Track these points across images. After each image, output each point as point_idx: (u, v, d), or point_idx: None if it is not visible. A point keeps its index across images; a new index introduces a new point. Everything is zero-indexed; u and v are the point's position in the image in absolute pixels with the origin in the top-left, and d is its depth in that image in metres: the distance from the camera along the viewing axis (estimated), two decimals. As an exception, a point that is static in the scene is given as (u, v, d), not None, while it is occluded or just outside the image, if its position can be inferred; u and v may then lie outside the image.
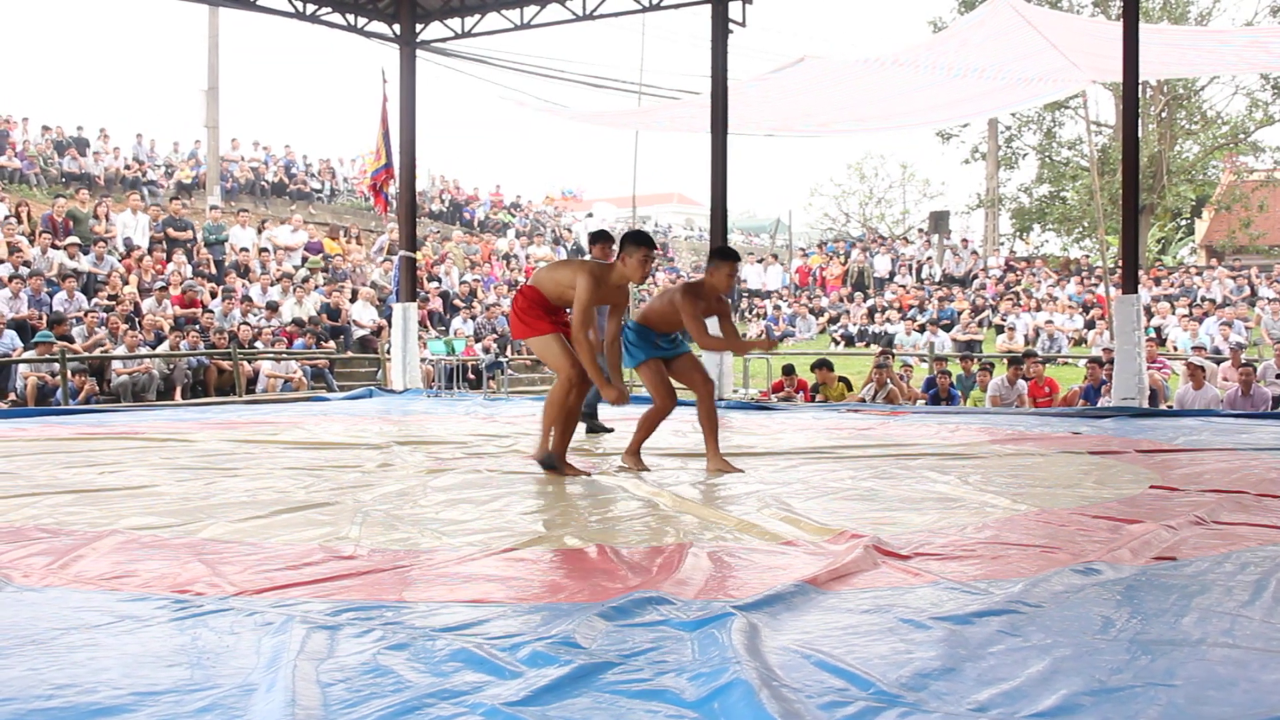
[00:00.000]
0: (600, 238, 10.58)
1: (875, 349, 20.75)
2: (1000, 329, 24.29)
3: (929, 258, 32.55)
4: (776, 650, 3.02)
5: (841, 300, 29.65)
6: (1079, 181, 35.97)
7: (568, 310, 6.88)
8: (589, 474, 6.99)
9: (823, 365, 16.30)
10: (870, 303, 28.57)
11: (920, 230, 39.62)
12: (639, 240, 6.81)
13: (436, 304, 23.03)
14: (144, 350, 16.35)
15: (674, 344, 7.53)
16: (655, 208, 52.29)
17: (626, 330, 7.43)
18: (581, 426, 10.86)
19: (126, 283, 19.03)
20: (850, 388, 16.08)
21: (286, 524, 5.08)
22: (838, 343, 25.58)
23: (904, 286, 29.67)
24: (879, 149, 48.67)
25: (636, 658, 2.97)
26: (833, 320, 27.73)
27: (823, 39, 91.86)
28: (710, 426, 7.41)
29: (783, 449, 8.57)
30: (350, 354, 20.22)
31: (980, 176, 46.33)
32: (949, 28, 23.82)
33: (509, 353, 20.64)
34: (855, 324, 26.78)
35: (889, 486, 6.45)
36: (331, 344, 19.77)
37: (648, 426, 7.51)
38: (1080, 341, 24.15)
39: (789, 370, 16.45)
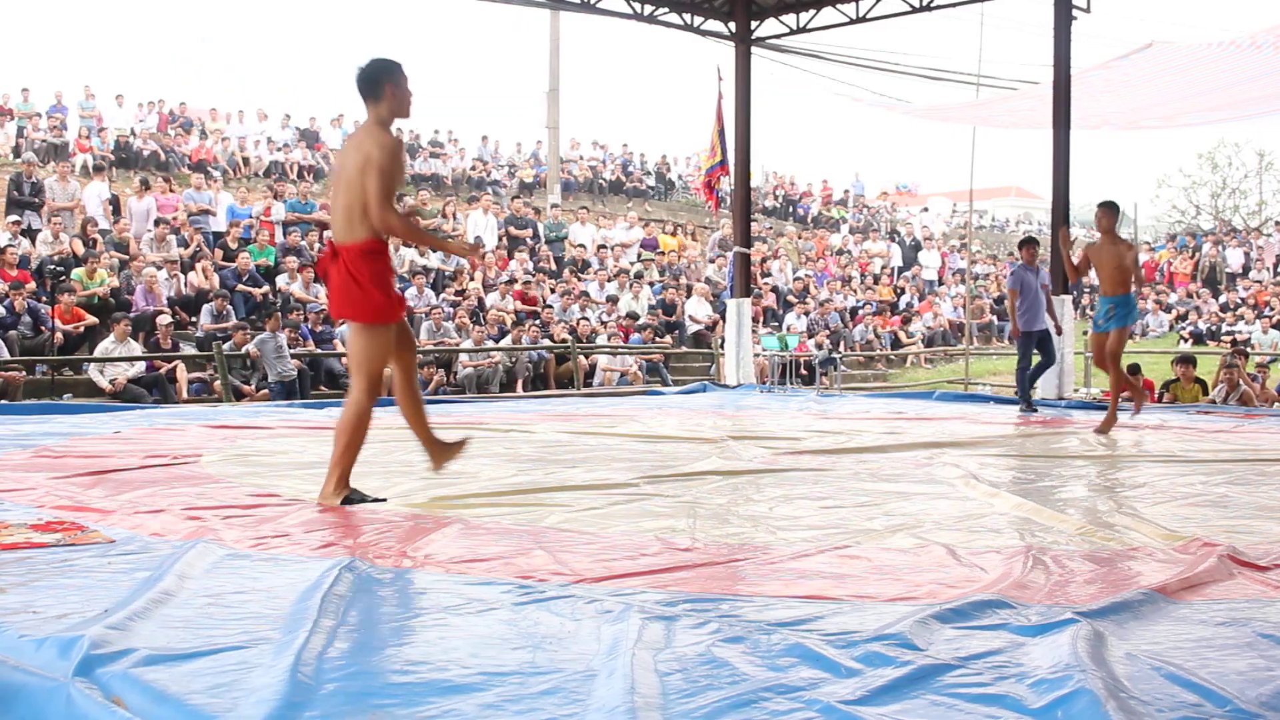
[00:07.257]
0: (1028, 243, 12.30)
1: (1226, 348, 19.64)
2: (1370, 329, 22.73)
3: (1289, 251, 30.75)
4: (1123, 660, 2.91)
5: (1190, 296, 28.31)
6: None
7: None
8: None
9: (1185, 361, 15.37)
10: (1222, 299, 27.21)
11: (1278, 223, 37.41)
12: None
13: (770, 299, 23.14)
14: (489, 344, 17.02)
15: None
16: (992, 201, 51.05)
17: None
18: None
19: (472, 279, 19.84)
20: (1206, 390, 15.18)
21: (624, 515, 5.20)
22: (1186, 340, 24.44)
23: (1259, 282, 28.10)
24: (1233, 136, 46.02)
25: (975, 661, 2.91)
26: (1180, 317, 26.53)
27: (1173, 22, 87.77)
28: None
29: (1127, 452, 8.24)
30: (684, 349, 20.56)
31: (1351, 163, 43.43)
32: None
33: (842, 348, 20.55)
34: (1205, 321, 25.54)
35: (1244, 493, 6.12)
36: (666, 339, 20.14)
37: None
38: None
39: (1134, 369, 15.74)
